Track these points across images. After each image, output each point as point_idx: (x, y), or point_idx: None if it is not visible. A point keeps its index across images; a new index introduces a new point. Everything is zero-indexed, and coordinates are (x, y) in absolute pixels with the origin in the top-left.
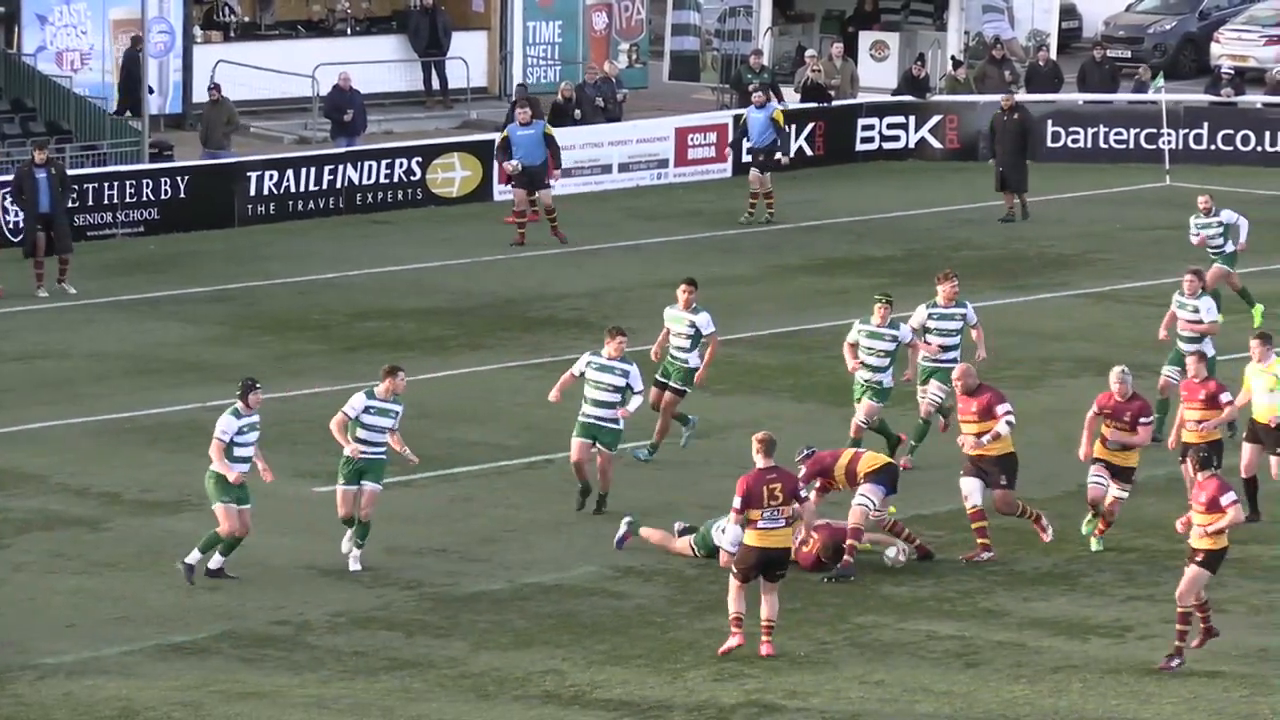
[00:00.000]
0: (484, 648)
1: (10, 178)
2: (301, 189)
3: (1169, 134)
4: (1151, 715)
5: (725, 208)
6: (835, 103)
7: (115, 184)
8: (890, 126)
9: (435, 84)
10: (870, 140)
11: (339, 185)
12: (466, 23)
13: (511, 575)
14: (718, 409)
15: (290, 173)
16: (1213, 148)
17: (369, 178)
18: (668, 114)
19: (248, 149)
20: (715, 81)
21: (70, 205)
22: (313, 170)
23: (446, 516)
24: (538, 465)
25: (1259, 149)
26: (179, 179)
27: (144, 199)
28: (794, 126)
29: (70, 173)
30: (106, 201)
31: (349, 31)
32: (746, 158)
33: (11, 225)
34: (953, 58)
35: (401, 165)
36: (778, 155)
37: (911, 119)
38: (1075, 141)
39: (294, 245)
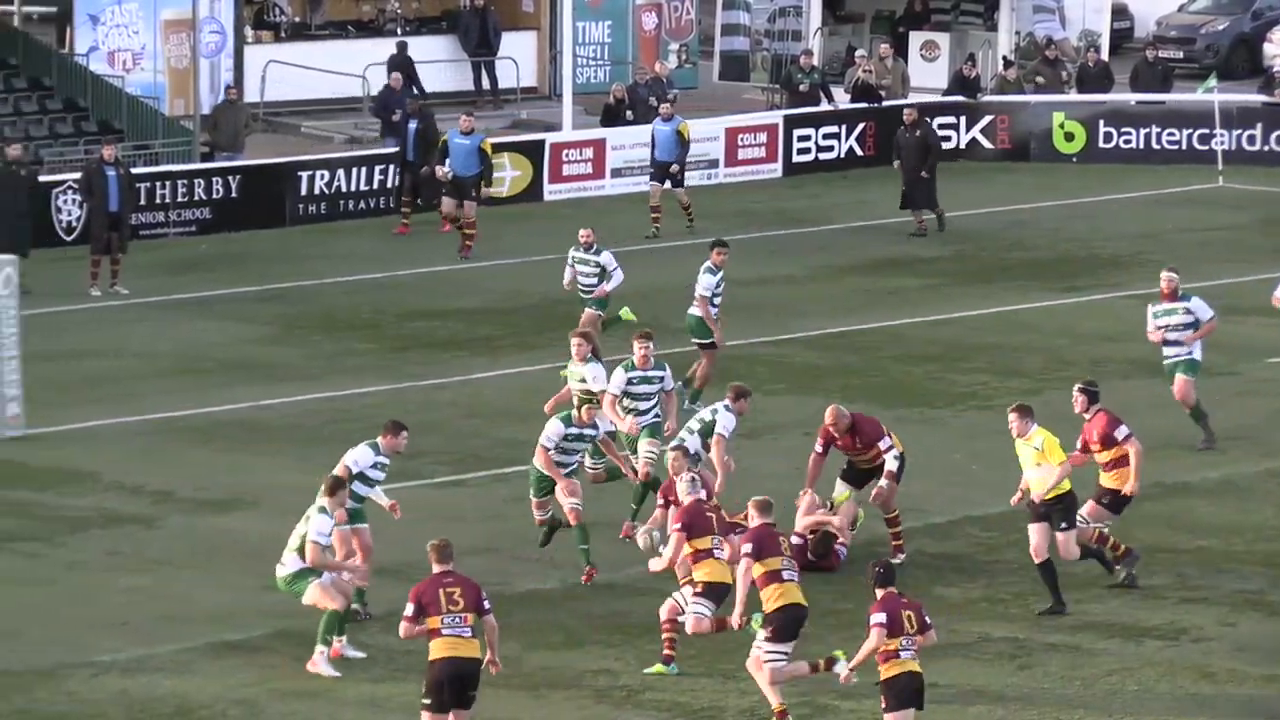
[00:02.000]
0: (536, 647)
1: (67, 177)
2: (351, 189)
3: (1222, 135)
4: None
5: (775, 208)
6: (886, 103)
7: (167, 183)
8: (941, 127)
9: (485, 84)
10: None
11: (389, 185)
12: (516, 23)
13: (563, 575)
14: (770, 409)
15: (340, 173)
16: (1266, 149)
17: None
18: (718, 114)
19: (298, 149)
20: (765, 82)
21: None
22: (363, 170)
23: (498, 516)
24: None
25: None
26: (230, 179)
27: (196, 198)
28: (843, 127)
29: None
30: (159, 201)
31: (399, 31)
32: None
33: (64, 224)
34: (1004, 58)
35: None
36: (674, 168)
37: (962, 119)
38: (1127, 142)
39: (344, 245)
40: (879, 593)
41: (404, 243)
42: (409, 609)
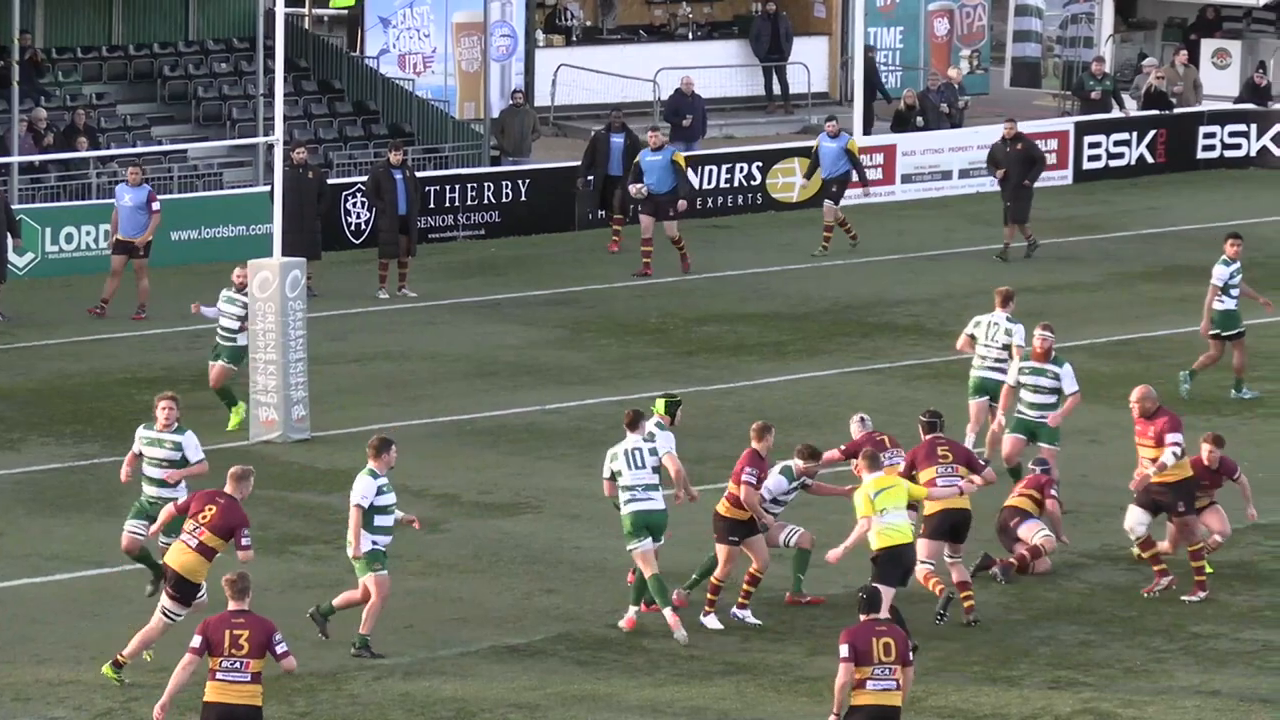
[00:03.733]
0: (820, 652)
1: (356, 180)
2: None
3: None
4: None
5: (1066, 215)
6: (1177, 110)
7: (457, 187)
8: (1232, 134)
9: (776, 89)
10: (1212, 148)
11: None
12: (808, 28)
13: (848, 581)
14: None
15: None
16: None
17: (709, 182)
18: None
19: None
20: (1057, 88)
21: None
22: None
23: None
24: None
25: None
26: (520, 182)
27: (485, 202)
28: (1135, 134)
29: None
30: (448, 204)
31: (690, 36)
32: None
33: (353, 227)
34: None
35: (741, 170)
36: (851, 185)
37: (1253, 127)
38: None
39: (635, 249)
40: (861, 619)
41: (693, 248)
42: (196, 640)
